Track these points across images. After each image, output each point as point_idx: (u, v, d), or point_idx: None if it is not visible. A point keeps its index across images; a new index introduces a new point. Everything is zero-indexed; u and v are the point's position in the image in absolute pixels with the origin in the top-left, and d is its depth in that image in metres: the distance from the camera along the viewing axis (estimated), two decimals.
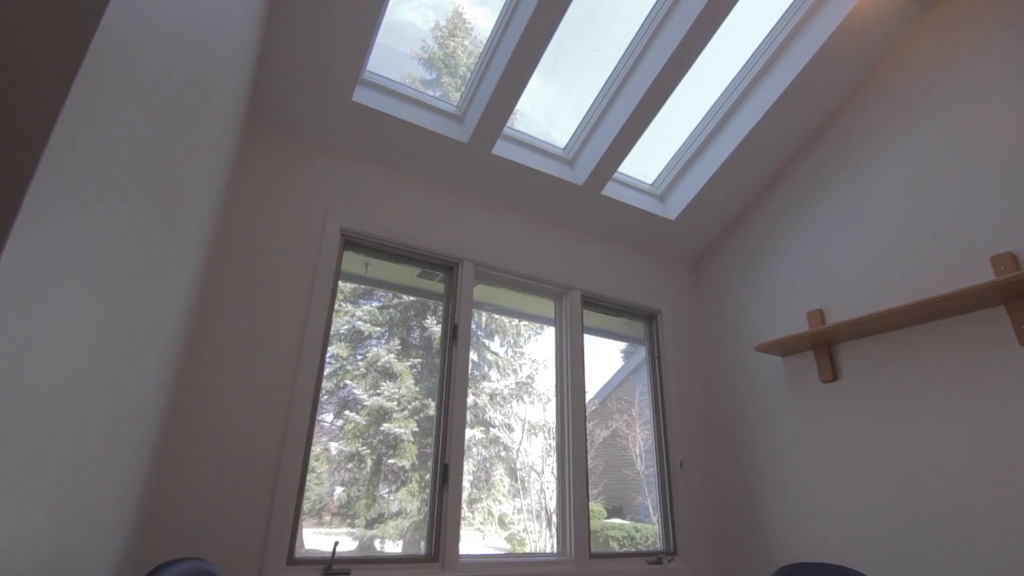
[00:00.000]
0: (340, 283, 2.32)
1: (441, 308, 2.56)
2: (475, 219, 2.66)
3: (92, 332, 0.61)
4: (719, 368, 3.07)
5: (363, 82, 2.31)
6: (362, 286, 2.49)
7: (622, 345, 3.34)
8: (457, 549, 2.13)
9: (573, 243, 2.96)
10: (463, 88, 2.51)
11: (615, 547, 2.86)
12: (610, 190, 2.85)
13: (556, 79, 2.66)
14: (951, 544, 1.99)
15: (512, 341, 3.22)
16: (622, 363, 3.43)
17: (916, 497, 2.12)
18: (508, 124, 2.55)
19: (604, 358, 3.10)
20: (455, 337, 2.44)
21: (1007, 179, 2.08)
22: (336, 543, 1.90)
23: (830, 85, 2.62)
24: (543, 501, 2.68)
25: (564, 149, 2.80)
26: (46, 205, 0.46)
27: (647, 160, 2.96)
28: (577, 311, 2.85)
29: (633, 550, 2.71)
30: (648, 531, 2.80)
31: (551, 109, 2.83)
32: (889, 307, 2.20)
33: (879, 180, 2.49)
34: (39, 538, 0.57)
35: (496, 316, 2.87)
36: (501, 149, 2.55)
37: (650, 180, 3.06)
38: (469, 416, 2.51)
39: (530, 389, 2.96)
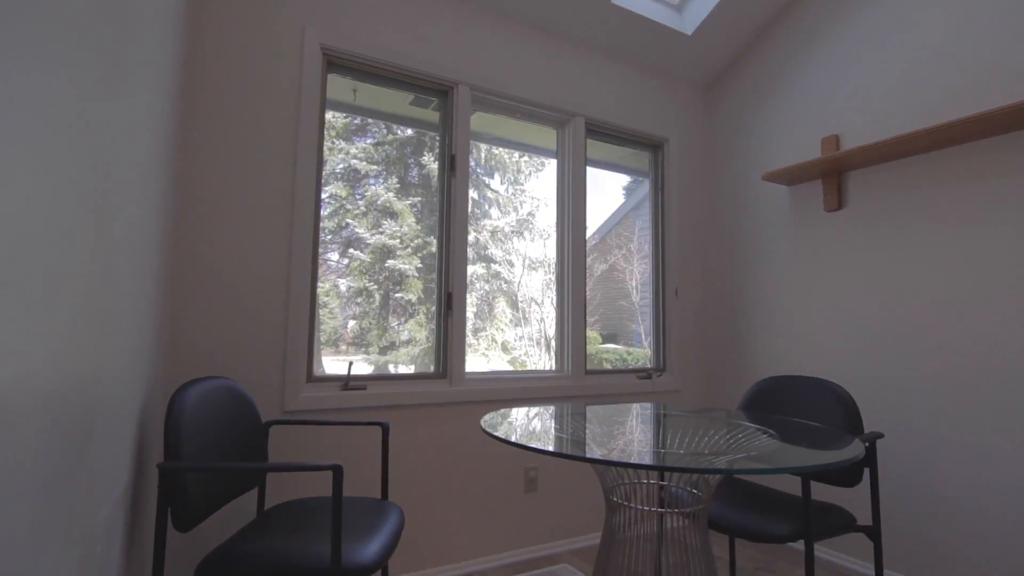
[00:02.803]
0: (330, 115, 2.19)
1: (438, 141, 2.44)
2: (471, 36, 2.42)
3: (64, 163, 0.56)
4: (723, 199, 3.05)
5: None
6: (354, 120, 2.34)
7: (624, 181, 3.26)
8: (463, 367, 2.33)
9: (578, 65, 2.73)
10: None
11: (608, 367, 3.11)
12: None
13: None
14: (937, 375, 2.15)
15: (512, 178, 3.13)
16: (623, 199, 3.39)
17: (905, 326, 2.24)
18: None
19: (605, 195, 3.06)
20: (453, 169, 2.38)
21: None
22: (351, 363, 2.08)
23: None
24: (543, 329, 2.84)
25: None
26: None
27: None
28: (580, 141, 2.73)
29: (625, 368, 2.95)
30: (640, 354, 3.02)
31: None
32: (909, 131, 2.11)
33: None
34: (55, 365, 0.59)
35: (496, 151, 2.75)
36: None
37: None
38: (471, 253, 2.55)
39: (530, 226, 2.96)
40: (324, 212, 2.20)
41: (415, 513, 2.16)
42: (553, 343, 2.76)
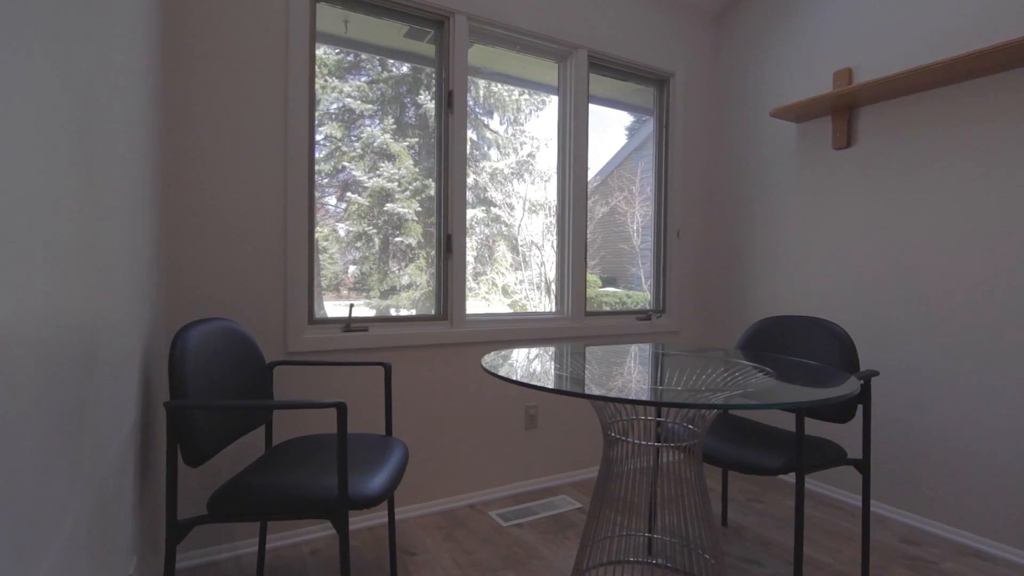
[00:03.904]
0: (321, 51, 2.10)
1: (434, 79, 2.35)
2: None
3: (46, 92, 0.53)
4: (728, 136, 2.97)
5: None
6: (347, 56, 2.24)
7: (627, 121, 3.16)
8: (464, 309, 2.34)
9: None
10: None
11: (607, 310, 3.13)
12: None
13: None
14: (935, 315, 2.15)
15: (512, 118, 3.04)
16: (626, 140, 3.30)
17: (906, 266, 2.22)
18: None
19: (607, 137, 2.97)
20: (451, 105, 2.30)
21: None
22: (351, 304, 2.10)
23: None
24: (543, 273, 2.84)
25: None
26: None
27: None
28: (583, 75, 2.63)
29: (624, 309, 2.96)
30: (639, 297, 3.03)
31: None
32: (925, 63, 2.01)
33: None
34: (49, 303, 0.58)
35: (495, 88, 2.65)
36: None
37: None
38: (471, 196, 2.51)
39: (530, 168, 2.90)
40: (320, 154, 2.14)
41: (419, 449, 2.23)
42: (553, 286, 2.76)
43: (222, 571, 1.77)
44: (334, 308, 2.18)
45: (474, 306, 2.52)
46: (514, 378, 1.31)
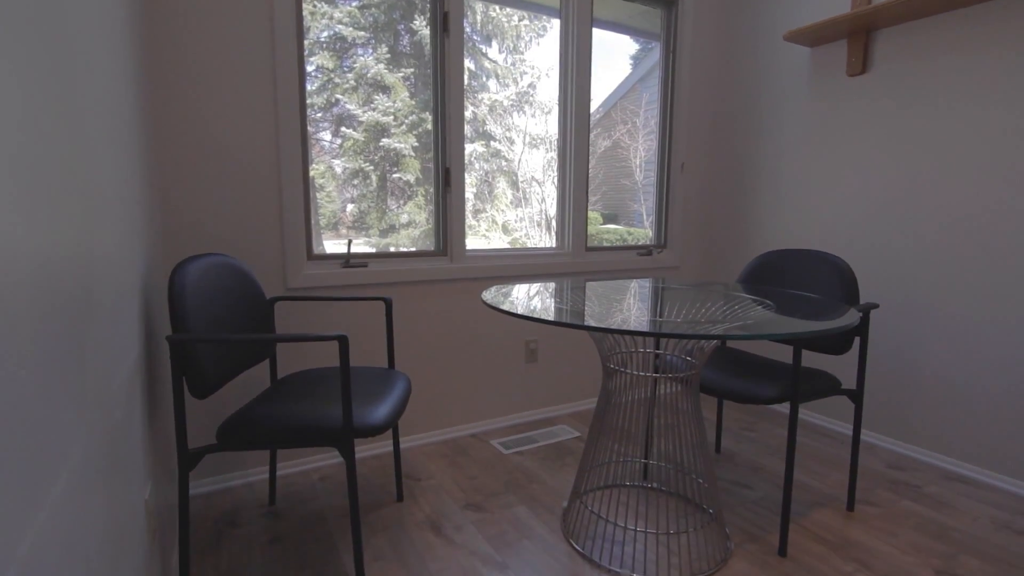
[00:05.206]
0: None
1: (429, 1, 2.22)
2: None
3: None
4: (738, 63, 2.84)
5: None
6: None
7: (632, 49, 3.01)
8: (463, 244, 2.33)
9: None
10: None
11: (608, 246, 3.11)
12: None
13: None
14: (940, 249, 2.12)
15: (512, 46, 2.89)
16: (630, 70, 3.16)
17: (914, 200, 2.17)
18: None
19: (611, 67, 2.84)
20: (446, 28, 2.19)
21: None
22: (350, 240, 2.11)
23: None
24: (544, 210, 2.80)
25: None
26: None
27: None
28: None
29: (625, 245, 2.95)
30: (640, 234, 3.00)
31: None
32: None
33: None
34: (35, 233, 0.56)
35: (493, 12, 2.50)
36: None
37: None
38: (469, 130, 2.44)
39: (531, 99, 2.79)
40: (312, 87, 2.06)
41: (421, 382, 2.28)
42: (554, 223, 2.73)
43: (236, 497, 1.85)
44: (334, 248, 2.16)
45: (474, 243, 2.51)
46: (515, 311, 1.31)
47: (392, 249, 2.29)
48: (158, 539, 1.20)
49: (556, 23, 2.60)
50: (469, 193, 2.48)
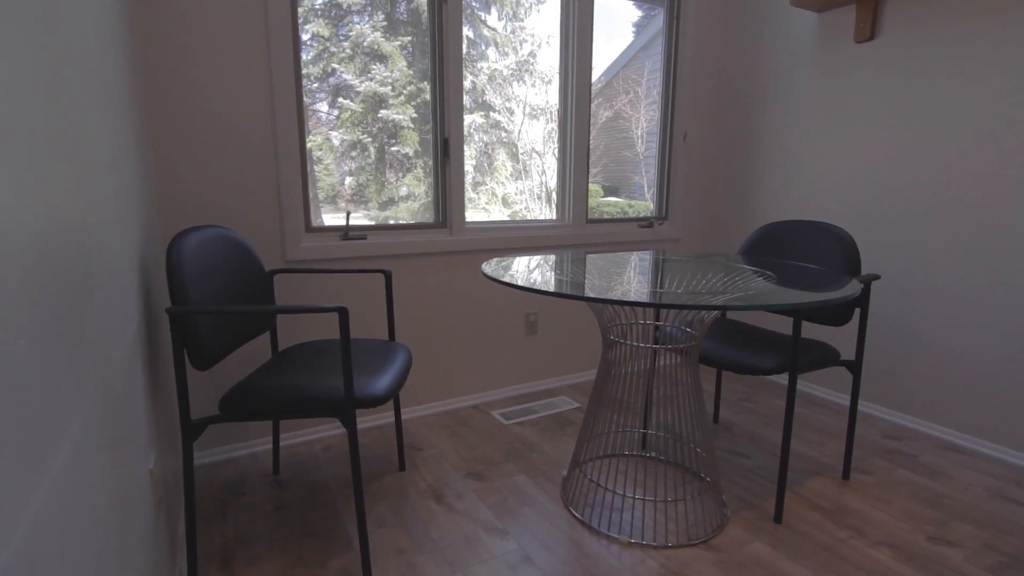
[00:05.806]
0: None
1: None
2: None
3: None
4: (744, 29, 2.77)
5: None
6: None
7: (635, 17, 2.94)
8: (463, 216, 2.31)
9: None
10: None
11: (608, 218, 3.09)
12: None
13: None
14: (943, 219, 2.10)
15: (511, 13, 2.82)
16: (632, 38, 3.09)
17: (918, 170, 2.14)
18: None
19: (613, 37, 2.77)
20: None
21: None
22: (348, 212, 2.10)
23: None
24: (544, 181, 2.77)
25: None
26: None
27: None
28: None
29: (626, 217, 2.93)
30: (641, 207, 2.97)
31: None
32: None
33: None
34: (32, 211, 0.56)
35: None
36: None
37: None
38: (468, 100, 2.39)
39: (531, 68, 2.74)
40: (307, 56, 2.02)
41: (422, 354, 2.30)
42: (554, 196, 2.70)
43: (240, 466, 1.88)
44: (333, 221, 2.15)
45: (474, 216, 2.49)
46: (515, 283, 1.31)
47: (391, 222, 2.27)
48: (164, 508, 1.22)
49: None
50: (468, 165, 2.45)
